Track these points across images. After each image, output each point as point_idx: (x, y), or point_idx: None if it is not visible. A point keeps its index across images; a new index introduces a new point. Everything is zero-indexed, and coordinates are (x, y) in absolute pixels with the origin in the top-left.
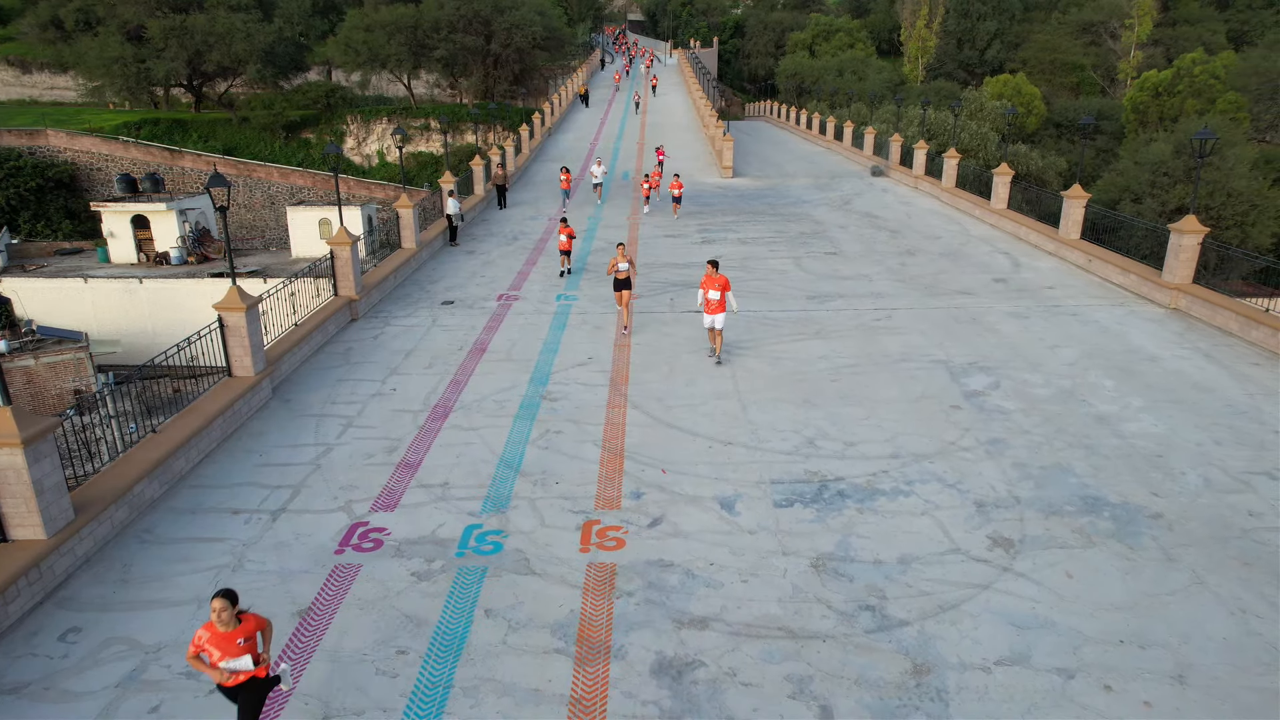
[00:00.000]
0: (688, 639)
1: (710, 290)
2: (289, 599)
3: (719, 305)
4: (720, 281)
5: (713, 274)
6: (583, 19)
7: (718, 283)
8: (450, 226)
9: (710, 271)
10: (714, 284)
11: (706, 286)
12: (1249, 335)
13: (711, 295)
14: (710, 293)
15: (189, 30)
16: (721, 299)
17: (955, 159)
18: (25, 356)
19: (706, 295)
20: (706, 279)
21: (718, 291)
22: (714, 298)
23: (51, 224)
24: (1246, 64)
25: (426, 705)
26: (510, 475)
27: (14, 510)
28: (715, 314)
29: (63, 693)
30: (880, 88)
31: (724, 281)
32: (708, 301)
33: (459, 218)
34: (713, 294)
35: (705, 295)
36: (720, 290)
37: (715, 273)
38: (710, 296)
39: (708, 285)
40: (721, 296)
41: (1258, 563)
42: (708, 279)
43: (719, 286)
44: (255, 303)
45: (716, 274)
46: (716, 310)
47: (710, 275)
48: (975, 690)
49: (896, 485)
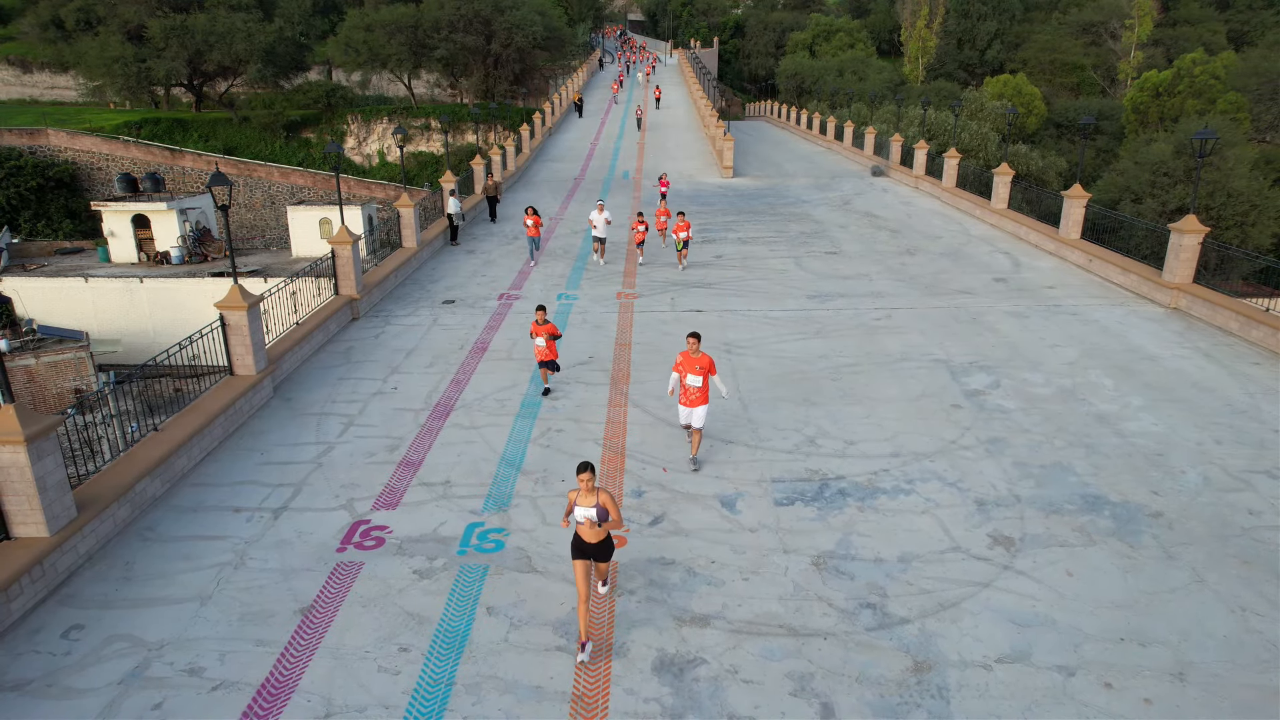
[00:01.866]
0: (689, 636)
1: (689, 375)
2: (291, 596)
3: (700, 395)
4: (703, 363)
5: (693, 352)
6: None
7: (699, 364)
8: (451, 226)
9: (690, 348)
10: (694, 366)
11: (684, 369)
12: (1249, 335)
13: (691, 381)
14: (690, 378)
15: (189, 30)
16: (704, 387)
17: (955, 159)
18: (26, 356)
19: (684, 381)
20: (684, 359)
21: (699, 377)
22: (694, 385)
23: (52, 223)
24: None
25: (429, 702)
26: (512, 474)
27: (17, 508)
28: (696, 406)
29: (65, 690)
30: (880, 88)
31: (707, 363)
32: (685, 389)
33: (460, 217)
34: (692, 380)
35: (682, 381)
36: (703, 374)
37: (697, 350)
38: (689, 383)
39: (685, 367)
40: (704, 383)
41: (1257, 561)
42: (685, 359)
43: (701, 369)
44: (257, 301)
45: (698, 352)
46: (697, 402)
47: (689, 354)
48: (976, 688)
49: (897, 484)
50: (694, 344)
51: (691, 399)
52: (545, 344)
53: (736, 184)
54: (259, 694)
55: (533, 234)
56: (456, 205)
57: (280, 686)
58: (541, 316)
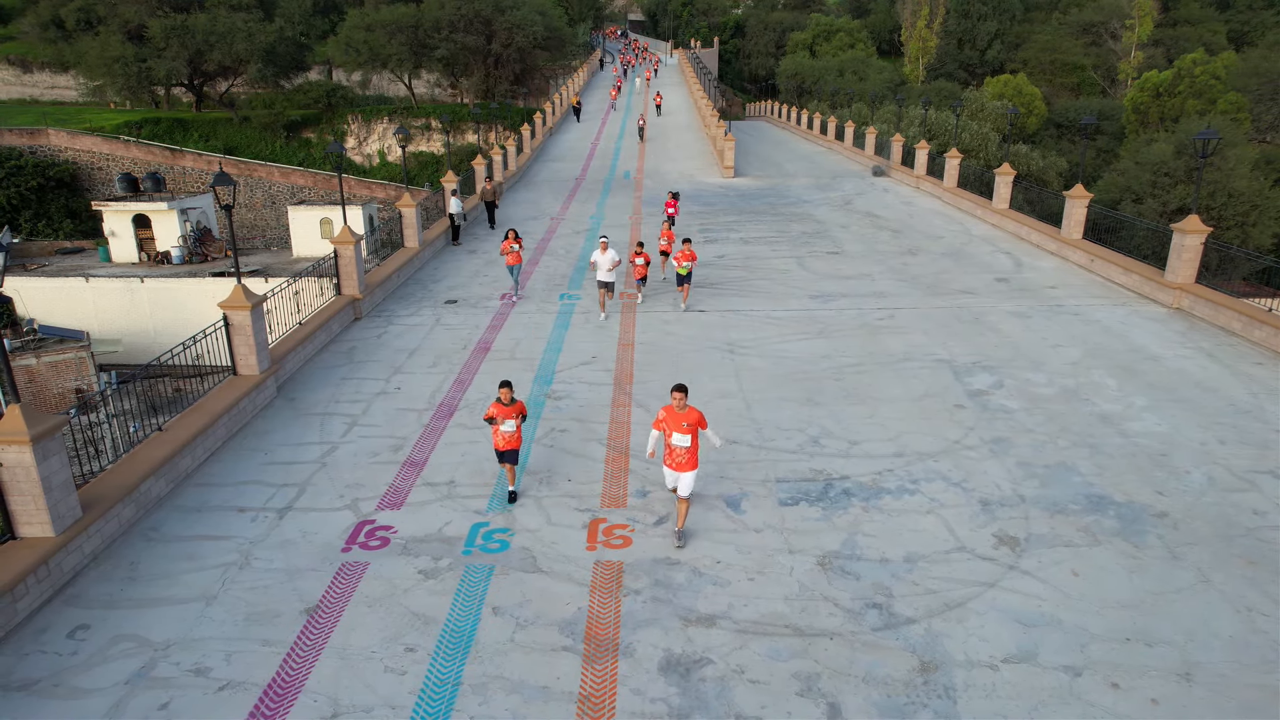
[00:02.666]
0: (695, 636)
1: (675, 433)
2: (296, 597)
3: (688, 458)
4: (691, 419)
5: (678, 407)
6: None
7: (687, 421)
8: (453, 226)
9: (675, 403)
10: (680, 424)
11: (669, 427)
12: (1251, 335)
13: (678, 441)
14: (675, 437)
15: (190, 30)
16: (693, 448)
17: (956, 159)
18: (27, 355)
19: (669, 441)
20: (668, 415)
21: (687, 435)
22: (681, 445)
23: (53, 223)
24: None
25: (435, 702)
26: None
27: (22, 508)
28: (684, 471)
29: (72, 690)
30: (881, 88)
31: (696, 418)
32: (670, 450)
33: (462, 217)
34: (679, 439)
35: (668, 440)
36: (691, 432)
37: (683, 404)
38: (676, 443)
39: (671, 425)
40: (693, 443)
41: (1262, 561)
42: (670, 415)
43: (689, 427)
44: (260, 301)
45: (684, 407)
46: (685, 466)
47: (674, 410)
48: (983, 688)
49: (901, 484)
50: (680, 398)
51: (678, 461)
52: (514, 429)
53: (738, 184)
54: (265, 694)
55: (513, 261)
56: (458, 205)
57: (287, 687)
58: (507, 395)
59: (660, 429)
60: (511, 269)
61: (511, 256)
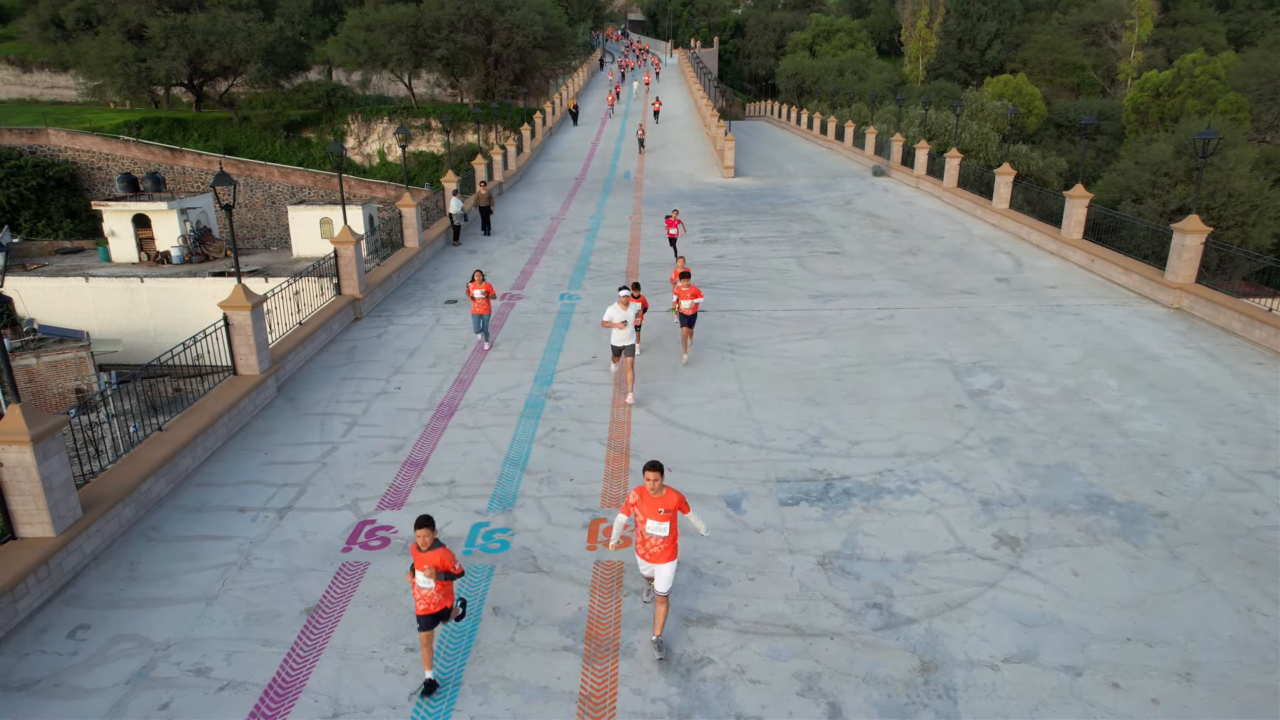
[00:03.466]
0: (696, 636)
1: (650, 520)
2: (297, 597)
3: (666, 549)
4: (669, 503)
5: (652, 490)
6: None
7: (663, 506)
8: (453, 226)
9: (648, 484)
10: (656, 509)
11: (644, 512)
12: (1252, 335)
13: (654, 530)
14: (651, 524)
15: (190, 30)
16: (671, 537)
17: (957, 159)
18: (27, 355)
19: (643, 529)
20: (641, 499)
21: (664, 522)
22: (657, 534)
23: (52, 223)
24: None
25: (436, 702)
26: (516, 474)
27: (23, 508)
28: (661, 563)
29: (72, 690)
30: (881, 88)
31: (674, 502)
32: (644, 540)
33: (461, 217)
34: (655, 527)
35: (640, 528)
36: (669, 518)
37: (659, 487)
38: (651, 532)
39: (645, 510)
40: (672, 532)
41: (1263, 561)
42: (644, 499)
43: (667, 512)
44: (260, 301)
45: (661, 490)
46: (662, 558)
47: (646, 493)
48: (983, 688)
49: (902, 484)
50: (654, 479)
51: (653, 552)
52: (433, 588)
53: (738, 184)
54: (266, 694)
55: (480, 310)
56: (458, 205)
57: (287, 687)
58: (426, 537)
59: (629, 514)
60: (476, 319)
61: (477, 304)
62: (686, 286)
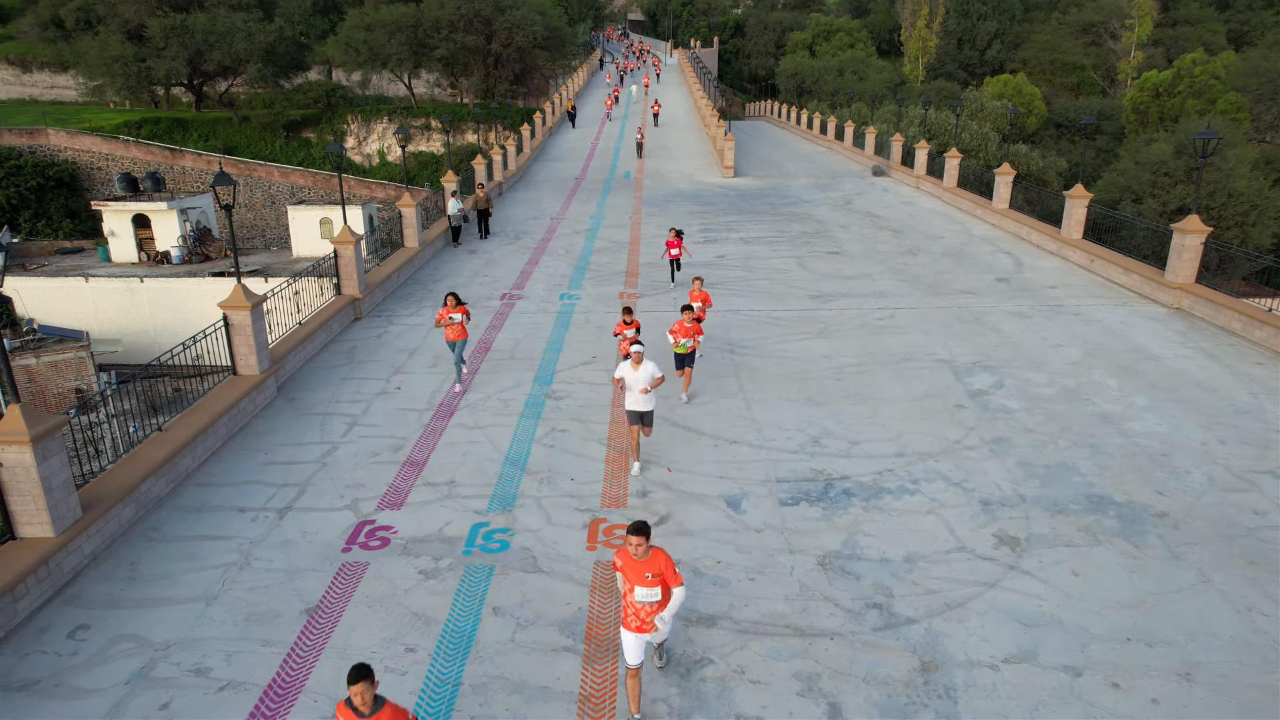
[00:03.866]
0: (696, 636)
1: (639, 586)
2: (297, 597)
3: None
4: (655, 567)
5: (636, 554)
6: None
7: (650, 570)
8: (451, 228)
9: (632, 549)
10: (643, 574)
11: (630, 578)
12: (1252, 335)
13: (642, 596)
14: (639, 590)
15: (189, 29)
16: (665, 603)
17: (957, 159)
18: (26, 355)
19: (630, 596)
20: (626, 563)
21: (653, 588)
22: (647, 600)
23: (52, 223)
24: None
25: (436, 702)
26: (516, 474)
27: (22, 508)
28: (652, 634)
29: (72, 690)
30: (881, 88)
31: (662, 565)
32: (632, 609)
33: (461, 218)
34: (643, 594)
35: (627, 595)
36: (659, 583)
37: (643, 549)
38: (640, 599)
39: (632, 575)
40: (665, 596)
41: (1263, 561)
42: (628, 563)
43: (654, 579)
44: (260, 301)
45: (645, 553)
46: (652, 628)
47: (629, 556)
48: (983, 688)
49: (902, 484)
50: (639, 543)
51: (645, 621)
52: None
53: (737, 184)
54: (266, 694)
55: (456, 336)
56: (456, 206)
57: (287, 687)
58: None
59: (620, 570)
60: (452, 345)
61: (451, 329)
62: (690, 323)
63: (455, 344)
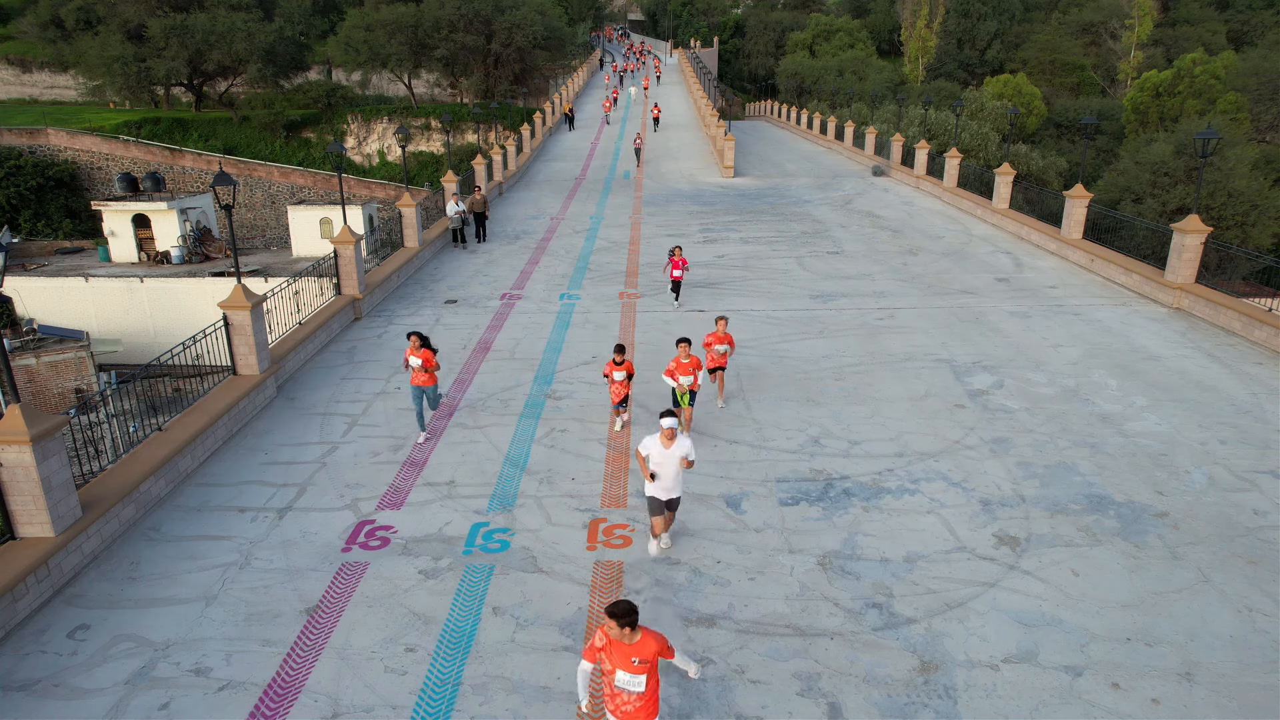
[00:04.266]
0: (695, 636)
1: (621, 670)
2: (297, 597)
3: (644, 705)
4: (645, 651)
5: (619, 635)
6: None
7: (639, 655)
8: (451, 229)
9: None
10: (629, 658)
11: (613, 660)
12: (1252, 335)
13: (625, 684)
14: (621, 676)
15: (189, 29)
16: (651, 691)
17: (956, 159)
18: (26, 355)
19: (612, 682)
20: (610, 646)
21: (639, 675)
22: (632, 690)
23: (52, 223)
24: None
25: (436, 702)
26: (516, 474)
27: (22, 508)
28: None
29: (72, 690)
30: (881, 88)
31: (654, 649)
32: (614, 695)
33: (460, 220)
34: (627, 680)
35: (609, 680)
36: (646, 669)
37: (629, 631)
38: (623, 686)
39: (615, 658)
40: (651, 687)
41: (1263, 561)
42: (611, 645)
43: (642, 663)
44: (260, 301)
45: (635, 634)
46: (639, 716)
47: (611, 637)
48: (983, 688)
49: (902, 484)
50: (617, 626)
51: (625, 711)
52: None
53: (737, 184)
54: (266, 694)
55: (423, 381)
56: (454, 208)
57: (287, 687)
58: None
59: (594, 660)
60: (417, 393)
61: (420, 375)
62: (687, 357)
63: (420, 391)
